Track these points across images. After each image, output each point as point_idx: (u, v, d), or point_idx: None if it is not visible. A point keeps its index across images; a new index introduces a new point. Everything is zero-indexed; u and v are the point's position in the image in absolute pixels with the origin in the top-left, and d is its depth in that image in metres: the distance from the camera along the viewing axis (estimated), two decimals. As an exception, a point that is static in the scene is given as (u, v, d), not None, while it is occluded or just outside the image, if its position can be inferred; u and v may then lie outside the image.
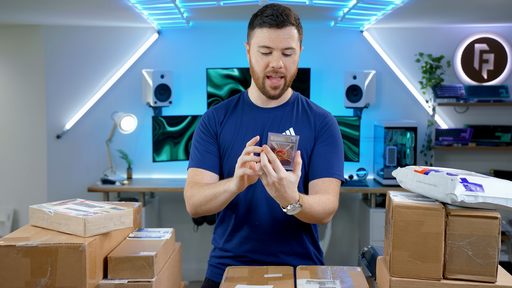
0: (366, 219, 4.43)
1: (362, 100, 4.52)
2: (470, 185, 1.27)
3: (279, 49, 1.68)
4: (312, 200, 1.61)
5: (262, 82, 1.74)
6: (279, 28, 1.66)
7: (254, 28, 1.71)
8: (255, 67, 1.73)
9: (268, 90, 1.74)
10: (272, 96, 1.75)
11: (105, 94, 4.74)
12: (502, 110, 4.76)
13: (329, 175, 1.74)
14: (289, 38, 1.68)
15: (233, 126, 1.80)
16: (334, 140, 1.78)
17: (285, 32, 1.67)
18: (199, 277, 4.78)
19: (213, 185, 1.68)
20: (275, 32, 1.66)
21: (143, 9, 3.85)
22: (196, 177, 1.78)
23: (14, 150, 4.97)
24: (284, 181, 1.45)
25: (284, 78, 1.73)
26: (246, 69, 4.55)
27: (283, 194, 1.48)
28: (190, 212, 1.75)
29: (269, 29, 1.66)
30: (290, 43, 1.68)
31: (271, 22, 1.66)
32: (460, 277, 1.29)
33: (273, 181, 1.45)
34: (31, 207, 1.49)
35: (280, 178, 1.45)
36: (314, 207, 1.60)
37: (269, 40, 1.67)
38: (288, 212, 1.54)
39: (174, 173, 4.76)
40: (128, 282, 1.39)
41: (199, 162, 1.79)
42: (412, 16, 4.14)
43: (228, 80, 4.57)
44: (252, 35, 1.72)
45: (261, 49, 1.69)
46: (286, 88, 1.76)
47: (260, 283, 1.48)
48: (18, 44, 4.90)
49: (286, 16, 1.67)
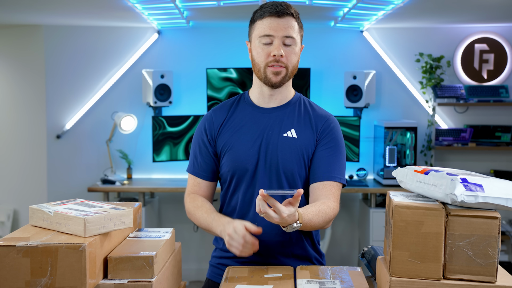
0: (366, 219, 4.43)
1: (362, 100, 4.52)
2: (470, 185, 1.27)
3: (279, 37, 1.69)
4: (312, 214, 1.60)
5: (263, 71, 1.73)
6: (279, 17, 1.69)
7: (255, 21, 1.74)
8: (257, 58, 1.74)
9: (270, 78, 1.73)
10: (274, 83, 1.74)
11: (105, 94, 4.74)
12: (502, 110, 4.76)
13: (330, 178, 1.73)
14: (289, 27, 1.70)
15: (233, 126, 1.80)
16: (336, 143, 1.77)
17: (285, 21, 1.70)
18: (199, 277, 4.78)
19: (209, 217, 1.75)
20: (275, 20, 1.69)
21: (143, 9, 3.85)
22: (194, 187, 1.85)
23: (14, 150, 4.97)
24: (286, 217, 1.47)
25: (285, 68, 1.73)
26: (244, 70, 4.55)
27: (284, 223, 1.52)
28: (188, 216, 1.85)
29: (269, 18, 1.70)
30: (290, 32, 1.70)
31: (271, 11, 1.70)
32: (460, 277, 1.29)
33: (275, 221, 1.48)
34: (31, 207, 1.49)
35: (282, 218, 1.47)
36: (314, 220, 1.60)
37: (269, 28, 1.69)
38: (287, 231, 1.54)
39: (174, 173, 4.76)
40: (128, 282, 1.39)
41: (196, 171, 1.85)
42: (412, 16, 4.14)
43: (227, 82, 4.57)
44: (253, 29, 1.75)
45: (262, 39, 1.71)
46: (287, 78, 1.76)
47: (260, 283, 1.48)
48: (18, 44, 4.90)
49: (286, 6, 1.72)
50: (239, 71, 4.57)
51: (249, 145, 1.75)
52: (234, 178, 1.77)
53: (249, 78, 4.50)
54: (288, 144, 1.74)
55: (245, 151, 1.75)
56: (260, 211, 1.46)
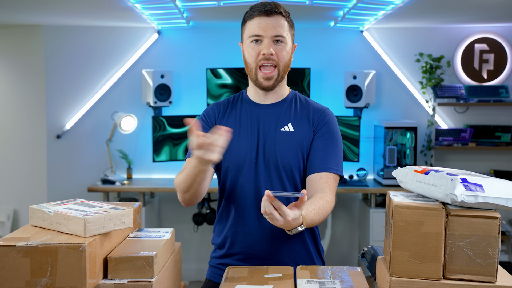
0: (366, 219, 4.43)
1: (362, 100, 4.52)
2: (470, 185, 1.27)
3: (269, 36, 1.71)
4: (313, 214, 1.60)
5: (255, 73, 1.75)
6: (267, 15, 1.71)
7: (246, 22, 1.76)
8: (248, 59, 1.75)
9: (261, 82, 1.75)
10: (266, 87, 1.76)
11: (105, 94, 4.74)
12: (502, 110, 4.76)
13: (326, 169, 1.74)
14: (279, 26, 1.71)
15: (231, 121, 1.82)
16: (331, 135, 1.78)
17: (274, 21, 1.71)
18: (199, 277, 4.78)
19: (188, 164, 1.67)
20: (264, 20, 1.71)
21: (143, 9, 3.85)
22: (188, 165, 1.72)
23: (14, 150, 4.97)
24: (291, 220, 1.44)
25: (276, 68, 1.74)
26: (239, 75, 4.55)
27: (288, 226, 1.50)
28: (180, 200, 1.75)
29: (258, 17, 1.71)
30: (280, 31, 1.71)
31: (260, 10, 1.71)
32: (460, 277, 1.29)
33: (279, 223, 1.45)
34: (31, 207, 1.48)
35: (287, 221, 1.44)
36: (315, 219, 1.61)
37: (258, 28, 1.71)
38: (291, 233, 1.54)
39: (174, 173, 4.76)
40: (128, 282, 1.39)
41: None
42: (412, 16, 4.14)
43: (223, 89, 4.58)
44: (244, 30, 1.77)
45: (252, 39, 1.72)
46: (280, 79, 1.76)
47: (260, 283, 1.48)
48: (18, 44, 4.90)
49: (275, 5, 1.73)
50: (234, 77, 4.57)
51: (247, 140, 1.77)
52: (233, 172, 1.78)
53: (244, 84, 4.52)
54: (285, 138, 1.76)
55: (244, 145, 1.77)
56: (266, 212, 1.45)
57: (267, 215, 1.46)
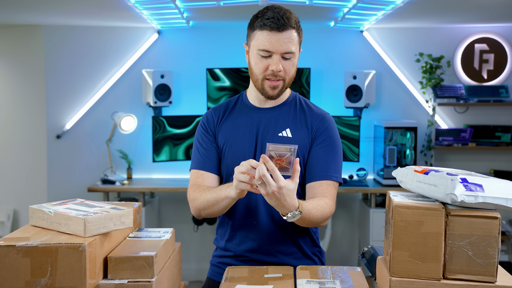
0: (366, 219, 4.43)
1: (362, 100, 4.52)
2: (470, 185, 1.27)
3: (279, 53, 1.67)
4: (311, 206, 1.60)
5: (261, 83, 1.73)
6: (279, 31, 1.65)
7: (255, 29, 1.70)
8: (254, 69, 1.73)
9: (267, 91, 1.74)
10: (271, 96, 1.75)
11: (105, 94, 4.74)
12: (502, 110, 4.76)
13: (326, 177, 1.74)
14: (289, 42, 1.67)
15: (230, 126, 1.81)
16: (331, 142, 1.77)
17: (285, 36, 1.66)
18: (199, 277, 4.78)
19: (214, 190, 1.69)
20: (275, 35, 1.66)
21: (143, 9, 3.85)
22: (198, 179, 1.79)
23: (14, 150, 4.97)
24: (284, 190, 1.45)
25: (283, 81, 1.73)
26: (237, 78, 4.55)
27: (282, 203, 1.49)
28: (194, 214, 1.78)
29: (269, 32, 1.66)
30: (290, 47, 1.68)
31: (272, 25, 1.65)
32: (460, 277, 1.29)
33: (272, 190, 1.45)
34: (31, 207, 1.49)
35: (279, 187, 1.45)
36: (313, 213, 1.61)
37: (269, 44, 1.66)
38: (288, 220, 1.54)
39: (174, 173, 4.76)
40: (128, 282, 1.39)
41: (200, 164, 1.81)
42: (412, 16, 4.14)
43: (222, 92, 4.58)
44: (252, 36, 1.71)
45: (260, 52, 1.68)
46: (284, 89, 1.76)
47: (260, 283, 1.48)
48: (18, 44, 4.90)
49: (287, 19, 1.66)
50: (232, 79, 4.57)
51: (246, 144, 1.77)
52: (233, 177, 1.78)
53: (242, 86, 4.52)
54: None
55: (243, 149, 1.77)
56: (259, 177, 1.45)
57: (260, 181, 1.46)
